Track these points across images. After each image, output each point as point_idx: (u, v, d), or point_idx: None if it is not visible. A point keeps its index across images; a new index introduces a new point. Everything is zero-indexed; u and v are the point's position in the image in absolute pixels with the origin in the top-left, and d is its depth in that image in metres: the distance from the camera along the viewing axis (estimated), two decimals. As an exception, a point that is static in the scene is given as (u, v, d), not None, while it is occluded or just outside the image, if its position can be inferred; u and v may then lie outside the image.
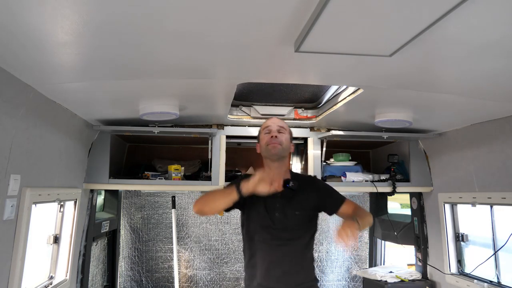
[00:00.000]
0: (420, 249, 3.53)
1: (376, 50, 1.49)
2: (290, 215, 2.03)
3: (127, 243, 4.18)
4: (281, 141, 2.07)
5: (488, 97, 2.12)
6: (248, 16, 1.26)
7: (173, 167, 3.19)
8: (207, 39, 1.45)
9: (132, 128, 2.93)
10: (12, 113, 1.86)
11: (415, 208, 3.63)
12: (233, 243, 4.28)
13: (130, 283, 4.15)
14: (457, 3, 1.09)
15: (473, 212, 3.03)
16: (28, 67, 1.71)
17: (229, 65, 1.80)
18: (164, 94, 2.31)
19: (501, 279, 2.75)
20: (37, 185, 2.19)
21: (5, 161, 1.85)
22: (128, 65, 1.75)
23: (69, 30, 1.34)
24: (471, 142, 2.85)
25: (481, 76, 1.79)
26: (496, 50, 1.49)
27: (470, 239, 3.15)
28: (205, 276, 4.24)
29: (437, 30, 1.28)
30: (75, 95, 2.22)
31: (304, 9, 1.19)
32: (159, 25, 1.33)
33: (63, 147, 2.55)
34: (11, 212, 1.94)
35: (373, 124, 2.82)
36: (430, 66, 1.74)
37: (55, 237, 2.73)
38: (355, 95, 2.30)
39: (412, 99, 2.30)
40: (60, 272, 2.75)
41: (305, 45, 1.41)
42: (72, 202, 2.82)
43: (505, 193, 2.54)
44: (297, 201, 2.05)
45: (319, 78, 2.11)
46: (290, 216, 2.03)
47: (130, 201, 4.22)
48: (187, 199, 4.27)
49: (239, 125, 3.21)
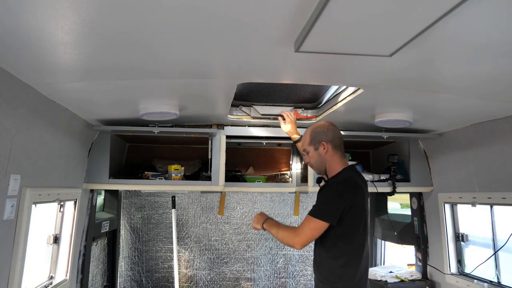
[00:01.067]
0: (420, 249, 3.53)
1: (376, 50, 1.49)
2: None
3: (127, 243, 4.18)
4: (310, 163, 2.29)
5: (488, 97, 2.12)
6: (248, 16, 1.26)
7: (173, 167, 3.19)
8: (207, 39, 1.45)
9: (132, 128, 2.93)
10: (12, 113, 1.86)
11: (415, 208, 3.63)
12: (233, 243, 4.28)
13: (130, 283, 4.15)
14: (457, 3, 1.09)
15: (473, 212, 3.03)
16: (28, 67, 1.71)
17: (229, 65, 1.80)
18: (164, 94, 2.31)
19: (501, 279, 2.75)
20: (37, 185, 2.19)
21: (5, 161, 1.85)
22: (128, 65, 1.75)
23: (69, 30, 1.34)
24: (471, 142, 2.85)
25: (481, 76, 1.79)
26: (496, 50, 1.49)
27: (470, 239, 3.15)
28: (205, 276, 4.24)
29: (437, 30, 1.28)
30: (75, 95, 2.22)
31: (304, 9, 1.19)
32: (159, 25, 1.33)
33: (63, 147, 2.55)
34: (11, 212, 1.94)
35: (373, 124, 2.82)
36: (430, 66, 1.74)
37: (55, 237, 2.73)
38: (355, 95, 2.30)
39: (412, 99, 2.30)
40: (60, 272, 2.75)
41: (305, 45, 1.41)
42: (72, 202, 2.82)
43: (505, 193, 2.54)
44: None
45: (319, 78, 2.11)
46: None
47: (130, 201, 4.22)
48: (187, 199, 4.27)
49: (239, 125, 3.21)
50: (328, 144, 2.18)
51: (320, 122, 2.31)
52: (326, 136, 2.19)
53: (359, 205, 2.09)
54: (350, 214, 2.04)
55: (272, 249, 4.31)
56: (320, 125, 2.26)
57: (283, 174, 3.98)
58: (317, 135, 2.21)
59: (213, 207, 4.28)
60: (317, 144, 2.20)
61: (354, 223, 2.08)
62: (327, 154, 2.18)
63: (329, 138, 2.20)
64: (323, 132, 2.21)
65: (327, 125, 2.25)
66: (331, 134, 2.21)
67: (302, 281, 4.32)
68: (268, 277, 4.28)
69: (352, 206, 2.04)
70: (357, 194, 2.11)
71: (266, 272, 4.29)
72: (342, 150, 2.24)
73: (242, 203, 4.33)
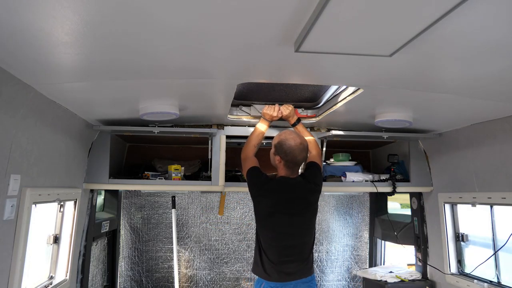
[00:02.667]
0: (420, 249, 3.53)
1: (376, 50, 1.49)
2: None
3: (127, 243, 4.18)
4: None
5: (488, 97, 2.12)
6: (248, 16, 1.26)
7: (173, 167, 3.19)
8: (207, 39, 1.45)
9: (132, 128, 2.93)
10: (12, 113, 1.86)
11: (415, 208, 3.63)
12: (233, 243, 4.28)
13: (130, 283, 4.15)
14: (457, 3, 1.09)
15: (473, 212, 3.03)
16: (28, 67, 1.71)
17: (229, 65, 1.80)
18: (164, 94, 2.31)
19: (501, 279, 2.75)
20: (37, 185, 2.19)
21: (5, 161, 1.85)
22: (128, 65, 1.75)
23: (69, 30, 1.34)
24: (471, 142, 2.85)
25: (481, 76, 1.79)
26: (496, 50, 1.49)
27: (470, 239, 3.15)
28: (205, 276, 4.24)
29: (437, 30, 1.28)
30: (75, 95, 2.22)
31: (304, 9, 1.19)
32: (159, 25, 1.33)
33: (63, 147, 2.55)
34: (11, 212, 1.94)
35: (373, 124, 2.82)
36: (430, 66, 1.74)
37: (55, 237, 2.73)
38: (355, 95, 2.30)
39: (412, 99, 2.30)
40: (60, 272, 2.75)
41: (305, 45, 1.41)
42: (72, 202, 2.82)
43: (505, 193, 2.54)
44: None
45: (319, 78, 2.11)
46: None
47: (130, 201, 4.22)
48: (187, 199, 4.27)
49: (239, 125, 3.21)
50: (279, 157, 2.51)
51: (288, 135, 2.52)
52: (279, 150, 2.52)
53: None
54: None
55: (272, 249, 4.31)
56: (284, 139, 2.51)
57: (283, 174, 3.97)
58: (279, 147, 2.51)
59: (213, 207, 4.28)
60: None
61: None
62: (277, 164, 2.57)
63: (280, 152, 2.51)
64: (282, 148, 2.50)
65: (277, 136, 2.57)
66: (282, 147, 2.50)
67: (302, 281, 4.32)
68: (268, 277, 4.28)
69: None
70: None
71: (266, 272, 4.28)
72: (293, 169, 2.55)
73: (242, 203, 4.33)
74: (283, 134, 2.53)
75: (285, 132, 2.54)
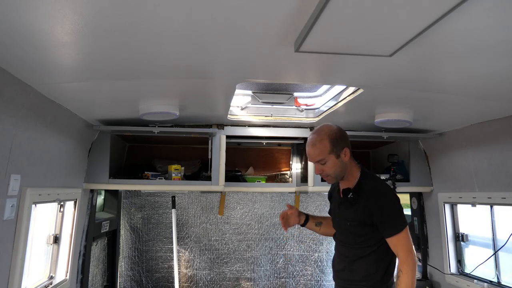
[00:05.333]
0: (420, 249, 3.53)
1: (376, 50, 1.49)
2: (343, 223, 2.15)
3: (127, 243, 4.18)
4: (327, 174, 2.07)
5: (488, 97, 2.12)
6: (248, 16, 1.26)
7: (173, 167, 3.19)
8: (207, 39, 1.45)
9: (132, 128, 2.93)
10: (12, 113, 1.86)
11: (415, 208, 3.63)
12: (233, 243, 4.28)
13: (130, 283, 4.15)
14: (457, 3, 1.09)
15: (473, 212, 3.03)
16: (28, 67, 1.71)
17: (229, 65, 1.80)
18: (164, 94, 2.31)
19: (501, 279, 2.75)
20: (37, 185, 2.19)
21: (5, 161, 1.85)
22: (128, 65, 1.75)
23: (69, 30, 1.34)
24: (471, 142, 2.85)
25: (481, 76, 1.79)
26: (496, 50, 1.49)
27: (470, 239, 3.15)
28: (205, 276, 4.24)
29: (437, 30, 1.28)
30: (75, 95, 2.22)
31: (304, 9, 1.19)
32: (159, 25, 1.33)
33: (63, 147, 2.55)
34: (11, 212, 1.94)
35: (373, 124, 2.82)
36: (430, 66, 1.74)
37: (55, 237, 2.73)
38: (355, 95, 2.30)
39: (412, 99, 2.30)
40: (60, 272, 2.75)
41: (305, 45, 1.41)
42: (72, 202, 2.82)
43: (505, 193, 2.54)
44: (350, 212, 2.07)
45: (319, 78, 2.12)
46: (343, 224, 2.15)
47: (130, 201, 4.22)
48: (187, 199, 4.27)
49: (239, 125, 3.21)
50: (348, 148, 2.06)
51: (329, 127, 2.07)
52: (346, 142, 2.06)
53: None
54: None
55: (272, 249, 4.31)
56: (334, 130, 2.05)
57: (283, 174, 3.98)
58: (338, 141, 2.02)
59: (213, 207, 4.28)
60: (340, 151, 2.02)
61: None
62: (348, 160, 2.06)
63: (348, 142, 2.07)
64: (341, 137, 2.05)
65: (338, 128, 2.08)
66: (347, 136, 2.08)
67: (302, 281, 4.32)
68: (268, 277, 4.28)
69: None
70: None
71: (266, 272, 4.28)
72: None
73: (242, 203, 4.33)
74: (327, 126, 2.08)
75: (323, 125, 2.11)
